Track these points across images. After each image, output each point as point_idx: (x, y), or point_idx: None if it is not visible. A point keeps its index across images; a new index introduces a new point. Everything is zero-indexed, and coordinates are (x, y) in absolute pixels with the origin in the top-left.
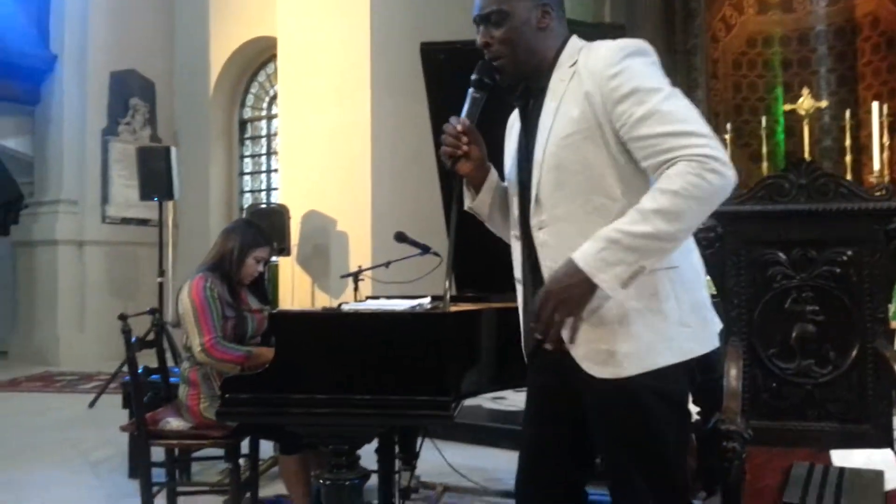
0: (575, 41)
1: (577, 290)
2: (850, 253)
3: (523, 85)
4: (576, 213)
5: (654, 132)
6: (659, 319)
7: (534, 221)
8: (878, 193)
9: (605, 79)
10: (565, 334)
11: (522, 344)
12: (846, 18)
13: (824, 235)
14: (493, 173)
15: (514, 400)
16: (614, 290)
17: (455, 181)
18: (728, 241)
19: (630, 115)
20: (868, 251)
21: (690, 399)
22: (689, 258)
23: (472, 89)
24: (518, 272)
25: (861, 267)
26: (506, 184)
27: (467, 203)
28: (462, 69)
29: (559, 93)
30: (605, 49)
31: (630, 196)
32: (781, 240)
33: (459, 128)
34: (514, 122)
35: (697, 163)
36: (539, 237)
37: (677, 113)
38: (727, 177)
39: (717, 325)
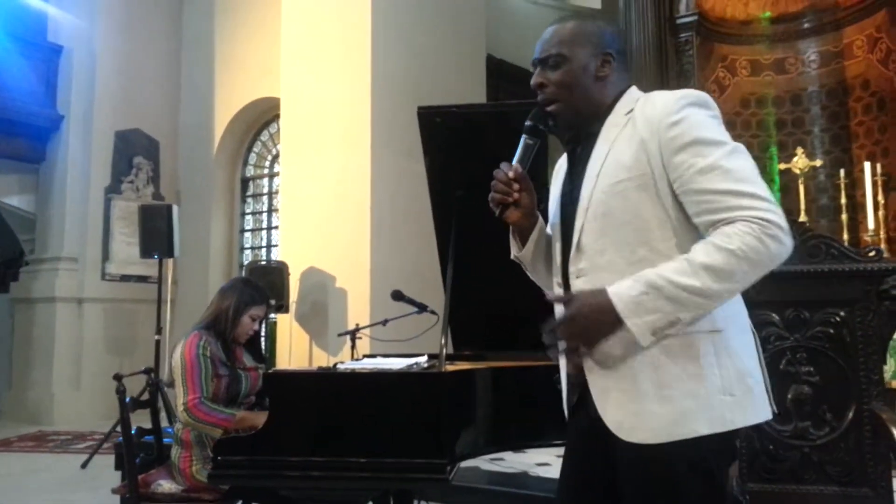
0: (634, 91)
1: (603, 327)
2: (842, 314)
3: (574, 131)
4: (618, 264)
5: (715, 188)
6: (698, 385)
7: (572, 269)
8: (870, 254)
9: (665, 127)
10: (596, 389)
11: (564, 400)
12: (837, 80)
13: (817, 296)
14: (541, 222)
15: (513, 461)
16: (644, 336)
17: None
18: None
19: (690, 166)
20: (861, 312)
21: None
22: (737, 322)
23: (524, 136)
24: (558, 277)
25: (854, 328)
26: (549, 230)
27: (514, 252)
28: (458, 132)
29: (611, 138)
30: (665, 97)
31: (678, 252)
32: (775, 301)
33: (511, 174)
34: (560, 166)
35: (759, 225)
36: (577, 285)
37: (740, 171)
38: (786, 245)
39: (764, 395)
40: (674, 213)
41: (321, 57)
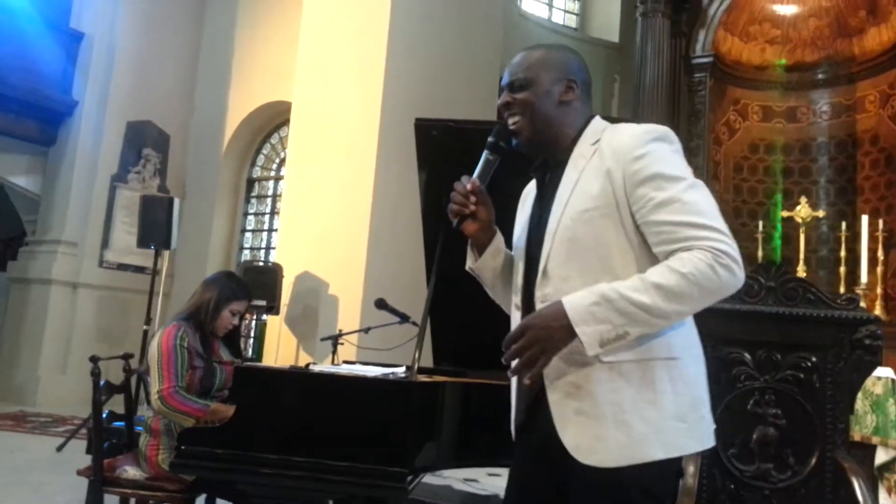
0: (599, 121)
1: (556, 334)
2: (814, 359)
3: (542, 158)
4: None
5: (672, 220)
6: (654, 411)
7: (538, 293)
8: (843, 302)
9: (629, 160)
10: (556, 409)
11: (512, 418)
12: (847, 132)
13: (790, 339)
14: (499, 238)
15: (486, 483)
16: (592, 346)
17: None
18: None
19: (650, 199)
20: (832, 358)
21: None
22: (692, 351)
23: (486, 151)
24: (517, 298)
25: (825, 374)
26: (513, 252)
27: (469, 263)
28: (453, 146)
29: (579, 167)
30: (631, 131)
31: None
32: (747, 340)
33: (469, 187)
34: (528, 193)
35: (713, 254)
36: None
37: (697, 204)
38: (737, 276)
39: (712, 424)
40: (636, 242)
41: (335, 66)
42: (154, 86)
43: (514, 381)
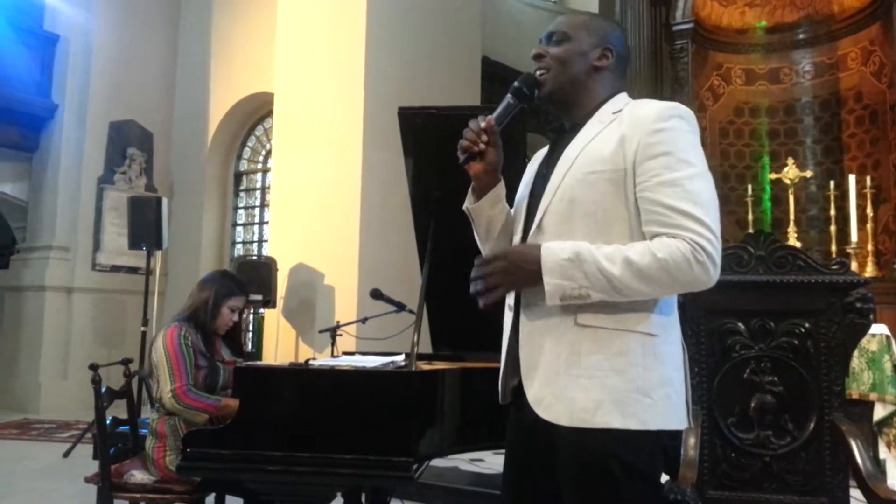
0: (625, 96)
1: (524, 276)
2: (807, 325)
3: (557, 122)
4: None
5: (669, 203)
6: (618, 380)
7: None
8: (833, 267)
9: (649, 132)
10: (525, 364)
11: (500, 382)
12: (831, 91)
13: (782, 307)
14: (502, 188)
15: (492, 462)
16: (553, 298)
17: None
18: (688, 310)
19: (656, 174)
20: (825, 323)
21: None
22: (671, 332)
23: (508, 95)
24: (510, 299)
25: (818, 339)
26: (514, 207)
27: (467, 203)
28: (437, 133)
29: (593, 132)
30: (657, 105)
31: None
32: (740, 310)
33: (483, 125)
34: (539, 155)
35: (693, 249)
36: None
37: (698, 195)
38: (710, 275)
39: (681, 406)
40: (634, 212)
41: (315, 55)
42: (134, 84)
43: (506, 330)
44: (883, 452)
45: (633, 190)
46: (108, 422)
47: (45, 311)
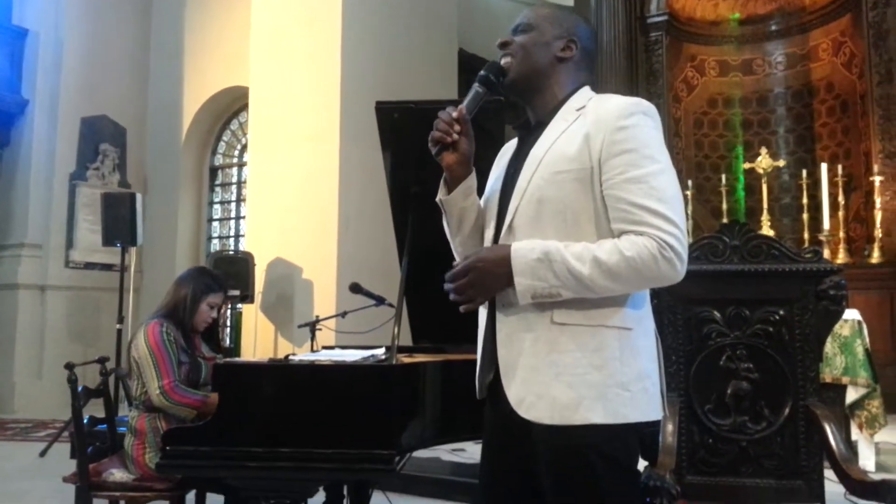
0: (588, 91)
1: (496, 279)
2: (781, 312)
3: (525, 116)
4: None
5: (635, 200)
6: (598, 376)
7: None
8: (807, 255)
9: (612, 129)
10: (504, 365)
11: (477, 378)
12: (803, 82)
13: (757, 295)
14: (473, 179)
15: (473, 452)
16: (524, 297)
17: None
18: (664, 299)
19: (621, 172)
20: (799, 311)
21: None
22: (644, 325)
23: (476, 83)
24: None
25: (793, 326)
26: (483, 204)
27: (439, 195)
28: (414, 128)
29: (559, 130)
30: (620, 101)
31: None
32: (716, 299)
33: (455, 115)
34: (506, 150)
35: (659, 245)
36: None
37: (663, 191)
38: (677, 271)
39: (657, 398)
40: (602, 209)
41: (291, 48)
42: (106, 79)
43: (481, 329)
44: (855, 434)
45: (599, 187)
46: (84, 421)
47: (19, 310)
